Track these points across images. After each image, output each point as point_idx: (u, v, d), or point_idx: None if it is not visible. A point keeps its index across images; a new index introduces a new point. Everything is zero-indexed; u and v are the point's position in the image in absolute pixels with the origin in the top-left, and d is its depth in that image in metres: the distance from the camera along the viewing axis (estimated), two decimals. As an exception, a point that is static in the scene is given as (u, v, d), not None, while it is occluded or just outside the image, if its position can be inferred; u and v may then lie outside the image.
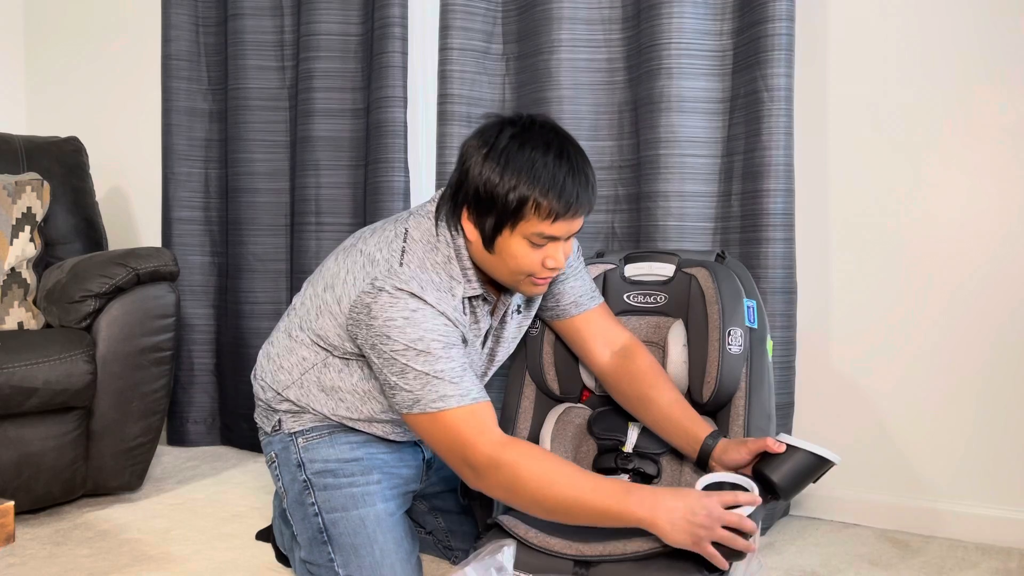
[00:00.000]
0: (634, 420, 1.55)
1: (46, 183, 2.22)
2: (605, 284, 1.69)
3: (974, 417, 1.82)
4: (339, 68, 2.30)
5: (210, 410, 2.57)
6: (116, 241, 2.67)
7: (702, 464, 1.41)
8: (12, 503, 1.17)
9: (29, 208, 2.16)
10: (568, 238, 1.36)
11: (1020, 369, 1.78)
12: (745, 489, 1.26)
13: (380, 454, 1.53)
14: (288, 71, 2.41)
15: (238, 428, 2.50)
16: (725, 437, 1.43)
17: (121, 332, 1.95)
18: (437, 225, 1.40)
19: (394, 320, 1.31)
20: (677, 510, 1.21)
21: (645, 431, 1.53)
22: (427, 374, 1.29)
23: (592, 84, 2.00)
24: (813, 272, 1.52)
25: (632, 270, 1.69)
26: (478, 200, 1.32)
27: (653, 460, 1.49)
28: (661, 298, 1.65)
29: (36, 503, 1.90)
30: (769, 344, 1.56)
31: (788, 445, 1.31)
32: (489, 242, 1.34)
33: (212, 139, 2.53)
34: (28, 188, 2.17)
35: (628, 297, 1.68)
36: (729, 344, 1.51)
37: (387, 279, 1.33)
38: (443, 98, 2.07)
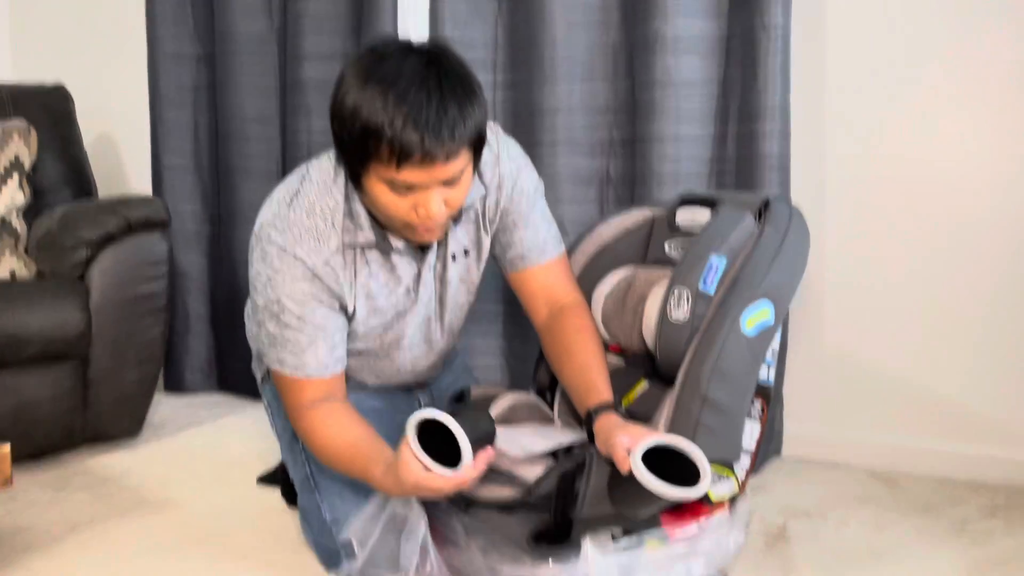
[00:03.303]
0: (644, 378, 1.51)
1: (33, 130, 2.19)
2: (651, 232, 1.60)
3: (964, 358, 1.84)
4: (328, 11, 2.24)
5: (207, 358, 2.58)
6: (105, 189, 2.64)
7: (592, 435, 1.30)
8: (8, 445, 1.17)
9: (17, 156, 2.13)
10: (449, 183, 1.21)
11: (1009, 311, 1.79)
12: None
13: (369, 400, 1.53)
14: (276, 14, 2.36)
15: (235, 375, 2.51)
16: (633, 414, 1.35)
17: (114, 281, 1.94)
18: (339, 165, 1.30)
19: (260, 274, 1.31)
20: (399, 486, 1.18)
21: (646, 392, 1.49)
22: (275, 336, 1.32)
23: (586, 24, 1.96)
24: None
25: (681, 215, 1.56)
26: (335, 139, 1.23)
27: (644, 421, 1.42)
28: None
29: (36, 450, 1.92)
30: (760, 315, 1.34)
31: (634, 469, 1.14)
32: (357, 185, 1.25)
33: (200, 84, 2.48)
34: (15, 135, 2.14)
35: (669, 247, 1.56)
36: (671, 309, 1.37)
37: (269, 224, 1.30)
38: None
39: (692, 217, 1.55)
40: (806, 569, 1.44)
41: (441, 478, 1.14)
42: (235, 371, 2.51)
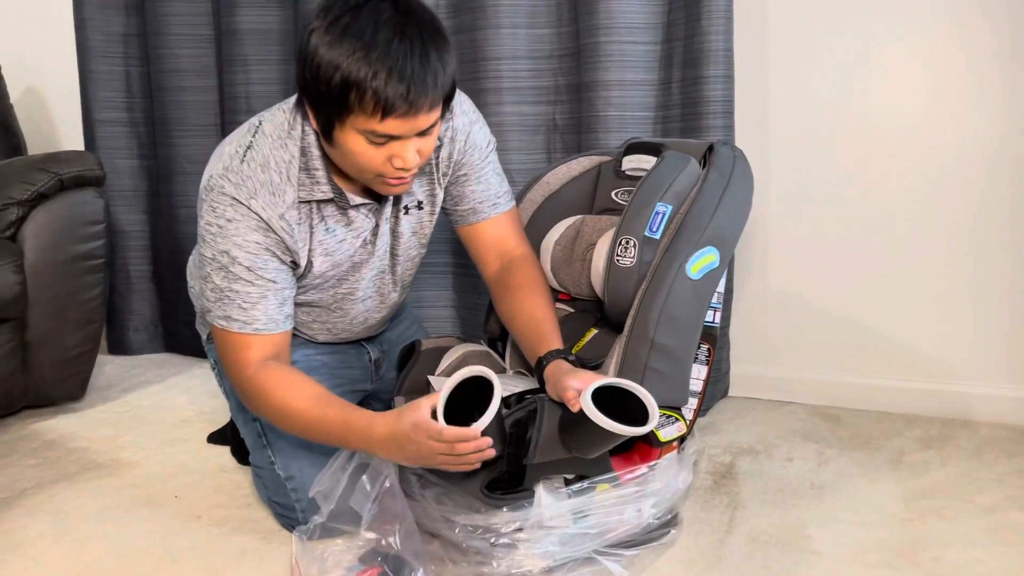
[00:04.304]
0: (594, 325, 1.52)
1: (-47, 85, 2.09)
2: (598, 179, 1.60)
3: (901, 297, 1.89)
4: (262, -45, 2.17)
5: (151, 317, 2.53)
6: (35, 146, 2.54)
7: (543, 383, 1.31)
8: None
9: (-63, 112, 2.03)
10: (423, 134, 1.22)
11: (943, 253, 1.84)
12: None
13: (319, 355, 1.52)
14: (206, -43, 2.27)
15: (181, 335, 2.48)
16: (582, 358, 1.37)
17: (49, 241, 1.88)
18: (292, 118, 1.29)
19: (211, 225, 1.27)
20: (389, 446, 1.18)
21: (596, 338, 1.50)
22: (222, 290, 1.28)
23: (529, -32, 1.92)
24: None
25: (628, 163, 1.57)
26: (307, 91, 1.20)
27: (594, 369, 1.43)
28: None
29: (-24, 417, 1.88)
30: (705, 259, 1.36)
31: (583, 407, 1.15)
32: (327, 136, 1.23)
33: (131, 34, 2.39)
34: (-66, 91, 2.04)
35: (616, 194, 1.56)
36: (619, 256, 1.38)
37: (222, 177, 1.27)
38: (374, -14, 1.98)
39: (639, 164, 1.55)
40: (752, 504, 1.48)
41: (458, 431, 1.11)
42: (181, 330, 2.47)
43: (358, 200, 1.34)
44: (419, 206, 1.44)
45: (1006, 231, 1.79)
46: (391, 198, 1.39)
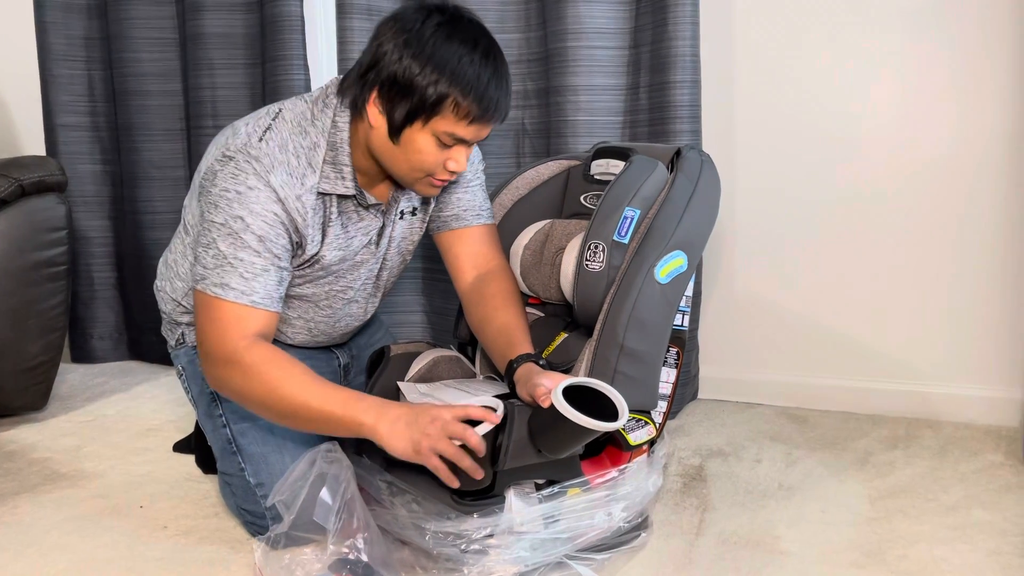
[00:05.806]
0: (564, 329, 1.53)
1: (-92, 89, 2.04)
2: (567, 183, 1.62)
3: (867, 299, 1.91)
4: (227, -43, 2.15)
5: (115, 325, 2.49)
6: (-4, 151, 2.50)
7: (513, 388, 1.32)
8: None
9: None
10: (473, 143, 1.34)
11: (908, 256, 1.87)
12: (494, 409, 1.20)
13: (289, 358, 1.51)
14: (170, -41, 2.25)
15: (146, 342, 2.44)
16: (551, 363, 1.39)
17: (9, 247, 1.84)
18: (317, 110, 1.35)
19: (227, 191, 1.27)
20: (401, 417, 1.19)
21: (566, 342, 1.51)
22: (225, 256, 1.26)
23: (497, -27, 1.93)
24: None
25: (596, 167, 1.59)
26: (393, 87, 1.26)
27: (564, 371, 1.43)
28: None
29: (-67, 428, 1.83)
30: (673, 263, 1.37)
31: (554, 403, 1.15)
32: (396, 132, 1.29)
33: (93, 37, 2.35)
34: None
35: (584, 198, 1.59)
36: (588, 260, 1.39)
37: (240, 150, 1.28)
38: (341, -11, 1.97)
39: (607, 169, 1.56)
40: (722, 506, 1.49)
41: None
42: (146, 337, 2.43)
43: (372, 200, 1.39)
44: (413, 212, 1.49)
45: (970, 234, 1.82)
46: (397, 202, 1.44)
